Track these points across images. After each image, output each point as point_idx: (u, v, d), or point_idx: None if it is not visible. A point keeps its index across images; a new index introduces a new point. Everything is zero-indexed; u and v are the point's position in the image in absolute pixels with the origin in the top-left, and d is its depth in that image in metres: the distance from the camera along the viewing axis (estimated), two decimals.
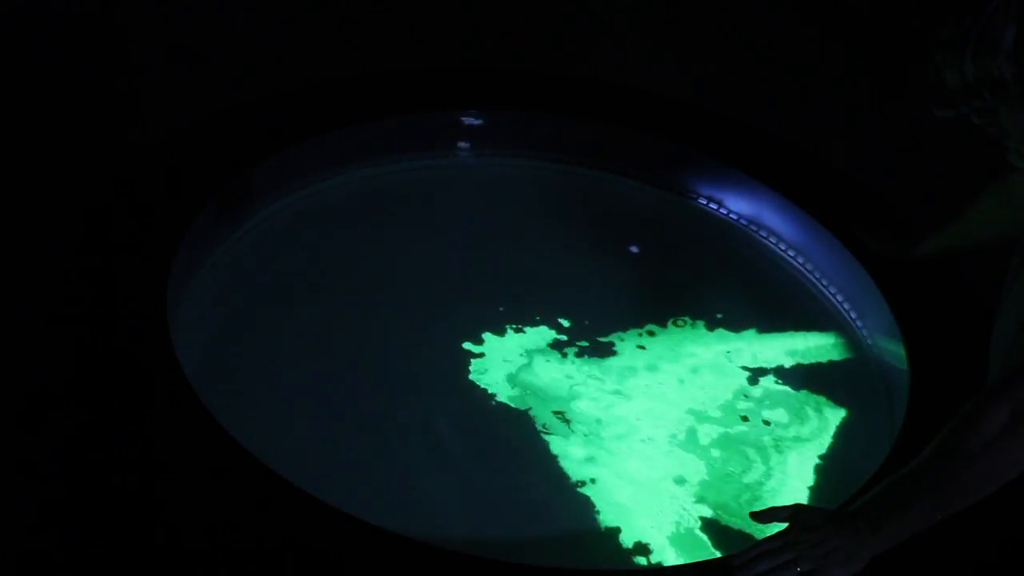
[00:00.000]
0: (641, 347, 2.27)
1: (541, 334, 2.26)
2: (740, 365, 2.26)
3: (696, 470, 2.03)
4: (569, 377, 2.18)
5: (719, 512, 1.96)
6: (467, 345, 2.21)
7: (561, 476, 1.99)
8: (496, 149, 2.66)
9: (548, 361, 2.21)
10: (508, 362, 2.19)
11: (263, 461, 1.71)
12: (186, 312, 2.06)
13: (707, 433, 2.10)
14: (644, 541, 1.90)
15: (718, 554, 1.87)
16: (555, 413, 2.10)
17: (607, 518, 1.93)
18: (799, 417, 2.17)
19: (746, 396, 2.20)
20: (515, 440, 2.05)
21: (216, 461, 1.72)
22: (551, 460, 2.02)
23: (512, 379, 2.15)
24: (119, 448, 1.73)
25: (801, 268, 2.51)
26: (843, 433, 2.14)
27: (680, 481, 2.01)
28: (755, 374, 2.25)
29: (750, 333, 2.34)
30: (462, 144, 2.65)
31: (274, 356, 2.12)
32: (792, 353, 2.31)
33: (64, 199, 2.29)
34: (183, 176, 2.26)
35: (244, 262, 2.29)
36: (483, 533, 1.86)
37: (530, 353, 2.21)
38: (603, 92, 2.80)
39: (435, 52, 3.09)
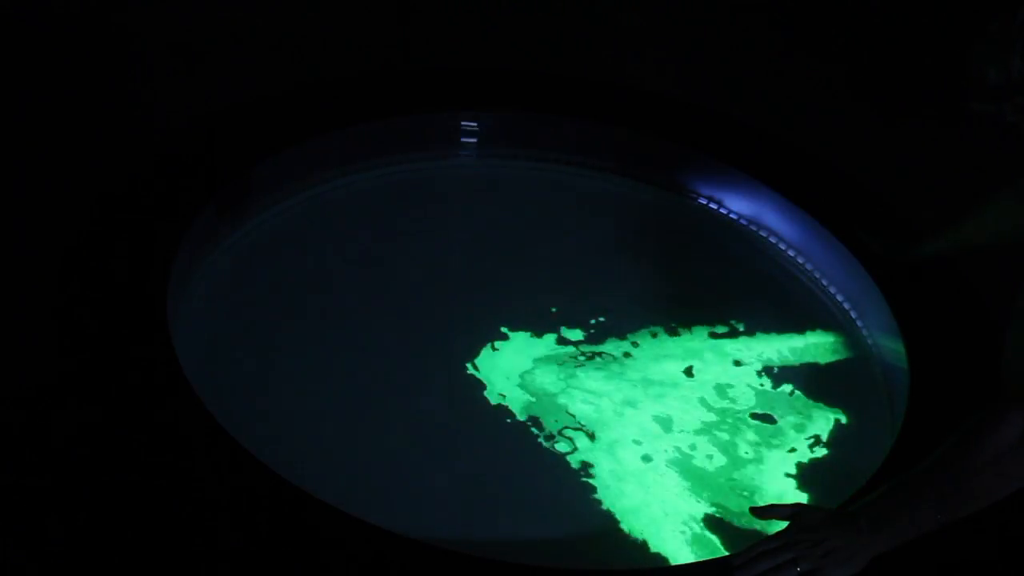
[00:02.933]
0: (641, 347, 2.26)
1: (542, 335, 2.26)
2: (740, 365, 2.26)
3: (696, 470, 2.03)
4: (569, 378, 2.18)
5: (719, 512, 1.96)
6: (468, 346, 2.21)
7: (562, 477, 1.99)
8: (496, 149, 2.66)
9: (549, 362, 2.21)
10: (509, 363, 2.19)
11: (263, 461, 1.71)
12: (186, 312, 2.06)
13: (707, 433, 2.10)
14: (644, 541, 1.90)
15: (718, 554, 1.87)
16: (555, 414, 2.10)
17: (607, 518, 1.93)
18: (799, 417, 2.17)
19: (746, 396, 2.20)
20: (516, 441, 2.05)
21: (216, 461, 1.72)
22: (551, 461, 2.02)
23: (513, 380, 2.15)
24: (119, 448, 1.73)
25: (801, 268, 2.51)
26: (843, 433, 2.14)
27: (680, 481, 2.01)
28: (755, 374, 2.25)
29: (750, 333, 2.34)
30: (462, 144, 2.65)
31: (274, 356, 2.12)
32: (792, 353, 2.31)
33: (64, 199, 2.28)
34: (183, 176, 2.26)
35: (244, 262, 2.29)
36: (483, 533, 1.86)
37: (531, 354, 2.21)
38: (603, 92, 2.80)
39: (435, 52, 3.09)
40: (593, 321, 2.30)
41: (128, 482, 1.69)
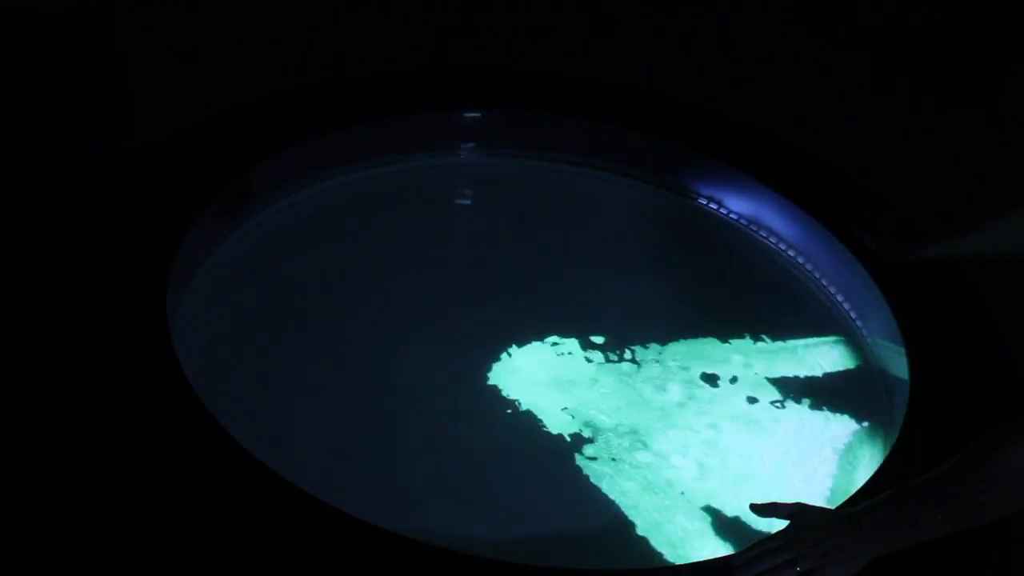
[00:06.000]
0: (641, 348, 2.26)
1: (541, 337, 2.26)
2: (740, 366, 2.26)
3: (696, 471, 2.03)
4: (570, 379, 2.18)
5: (719, 511, 1.96)
6: (468, 347, 2.21)
7: (562, 478, 1.99)
8: (496, 149, 2.66)
9: (550, 363, 2.21)
10: (510, 363, 2.19)
11: (263, 461, 1.71)
12: (186, 312, 2.06)
13: (708, 434, 2.10)
14: (645, 541, 1.90)
15: (719, 554, 1.87)
16: (558, 414, 2.10)
17: (609, 519, 1.93)
18: (799, 417, 2.17)
19: (746, 396, 2.20)
20: (517, 441, 2.05)
21: (216, 461, 1.72)
22: (551, 462, 2.02)
23: (515, 381, 2.15)
24: (119, 448, 1.73)
25: (801, 268, 2.51)
26: (843, 433, 2.14)
27: (681, 481, 2.01)
28: (755, 375, 2.25)
29: (749, 333, 2.34)
30: (462, 144, 2.65)
31: (274, 356, 2.12)
32: (792, 354, 2.31)
33: (64, 199, 2.28)
34: (183, 176, 2.26)
35: (244, 262, 2.29)
36: (483, 533, 1.86)
37: (532, 355, 2.21)
38: (603, 92, 2.80)
39: (435, 52, 3.09)
40: (591, 322, 2.30)
41: (127, 482, 1.69)
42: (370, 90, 2.64)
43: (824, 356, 2.32)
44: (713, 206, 2.62)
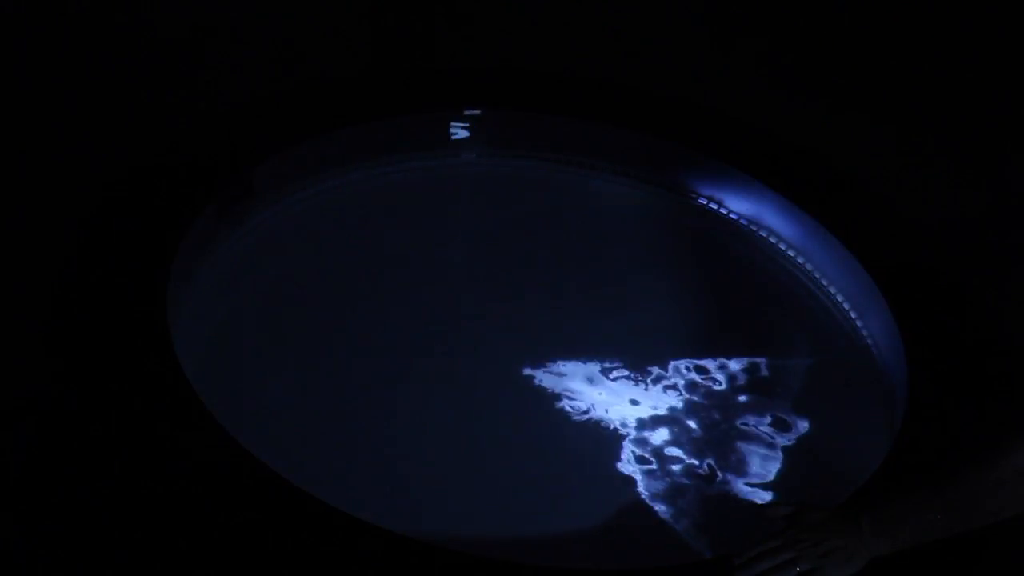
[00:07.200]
0: (641, 347, 2.26)
1: (540, 334, 2.26)
2: (740, 365, 2.26)
3: (697, 471, 2.03)
4: (570, 380, 2.18)
5: (720, 511, 1.96)
6: (467, 346, 2.21)
7: (560, 478, 1.99)
8: (496, 149, 2.66)
9: (549, 362, 2.21)
10: (509, 362, 2.19)
11: (263, 461, 1.71)
12: (186, 312, 2.06)
13: (709, 434, 2.10)
14: (645, 541, 1.90)
15: (719, 553, 1.87)
16: (556, 416, 2.10)
17: (608, 519, 1.93)
18: (799, 417, 2.17)
19: (747, 396, 2.20)
20: (516, 440, 2.05)
21: (216, 461, 1.72)
22: (550, 462, 2.02)
23: (513, 378, 2.15)
24: (120, 448, 1.73)
25: (801, 268, 2.51)
26: (843, 433, 2.15)
27: (682, 481, 2.01)
28: (755, 374, 2.25)
29: (750, 333, 2.34)
30: (462, 144, 2.65)
31: (274, 356, 2.12)
32: (792, 353, 2.31)
33: (64, 199, 2.28)
34: (183, 176, 2.26)
35: (244, 262, 2.29)
36: (484, 533, 1.87)
37: (532, 352, 2.21)
38: (603, 92, 2.80)
39: (435, 52, 3.09)
40: (591, 321, 2.30)
41: (128, 482, 1.69)
42: (370, 90, 2.64)
43: (823, 355, 2.32)
44: (713, 206, 2.62)
